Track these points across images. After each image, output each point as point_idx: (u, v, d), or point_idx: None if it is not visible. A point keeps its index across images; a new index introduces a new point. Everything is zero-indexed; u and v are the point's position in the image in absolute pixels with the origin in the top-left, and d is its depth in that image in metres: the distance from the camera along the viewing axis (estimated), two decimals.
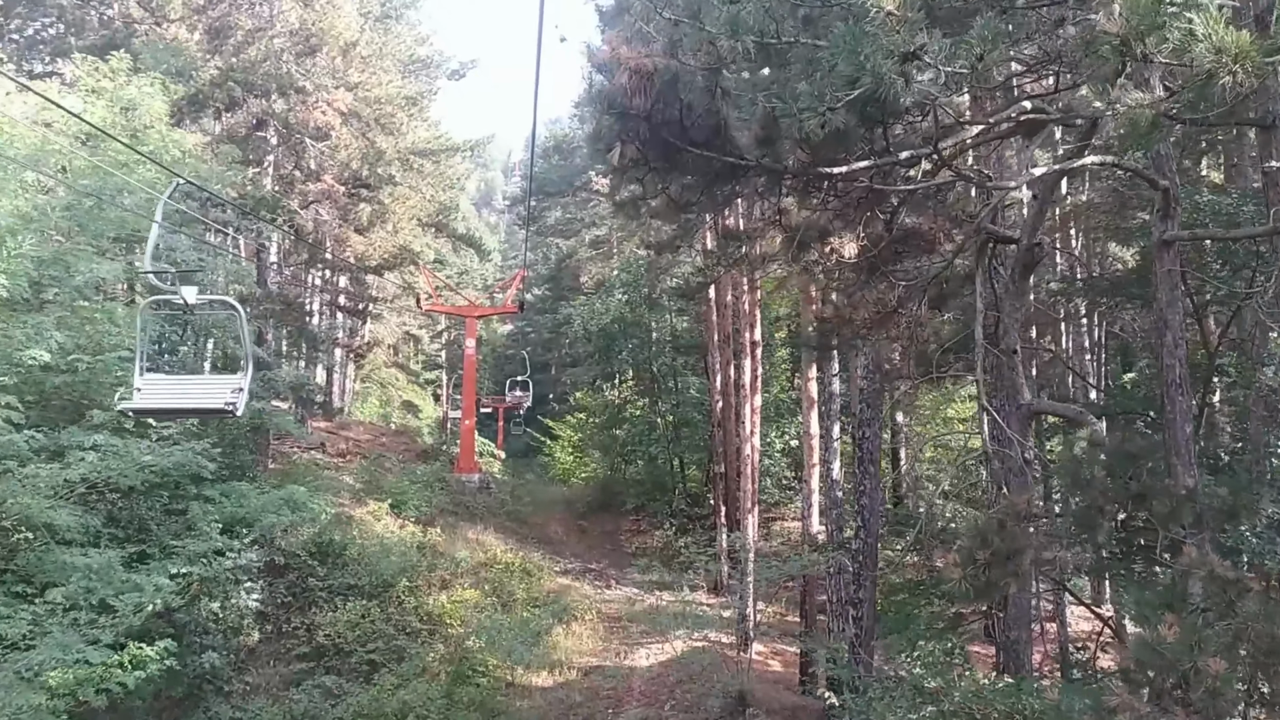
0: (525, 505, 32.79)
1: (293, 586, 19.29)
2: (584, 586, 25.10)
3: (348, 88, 26.16)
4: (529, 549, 27.52)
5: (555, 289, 53.47)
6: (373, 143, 26.56)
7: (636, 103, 6.62)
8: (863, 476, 10.50)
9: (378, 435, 40.50)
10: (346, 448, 34.69)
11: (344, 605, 18.96)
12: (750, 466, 21.23)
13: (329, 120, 24.40)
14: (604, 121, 7.09)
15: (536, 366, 62.55)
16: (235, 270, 21.84)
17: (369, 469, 30.70)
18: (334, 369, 39.85)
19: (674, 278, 30.41)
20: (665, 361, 31.49)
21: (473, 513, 29.70)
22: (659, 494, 31.51)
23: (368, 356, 41.53)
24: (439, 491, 30.10)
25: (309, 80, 24.85)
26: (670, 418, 31.65)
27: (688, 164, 7.24)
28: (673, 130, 6.82)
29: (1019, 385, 9.24)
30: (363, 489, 27.31)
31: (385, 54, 32.51)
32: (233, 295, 21.57)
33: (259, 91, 23.44)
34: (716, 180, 7.59)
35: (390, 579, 20.29)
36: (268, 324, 23.69)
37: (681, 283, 31.24)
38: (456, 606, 20.34)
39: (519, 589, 22.69)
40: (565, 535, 31.02)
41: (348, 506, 25.41)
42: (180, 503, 18.18)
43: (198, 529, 16.58)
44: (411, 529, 25.20)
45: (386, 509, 25.71)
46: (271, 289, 24.45)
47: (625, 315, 31.37)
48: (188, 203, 19.11)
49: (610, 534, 31.41)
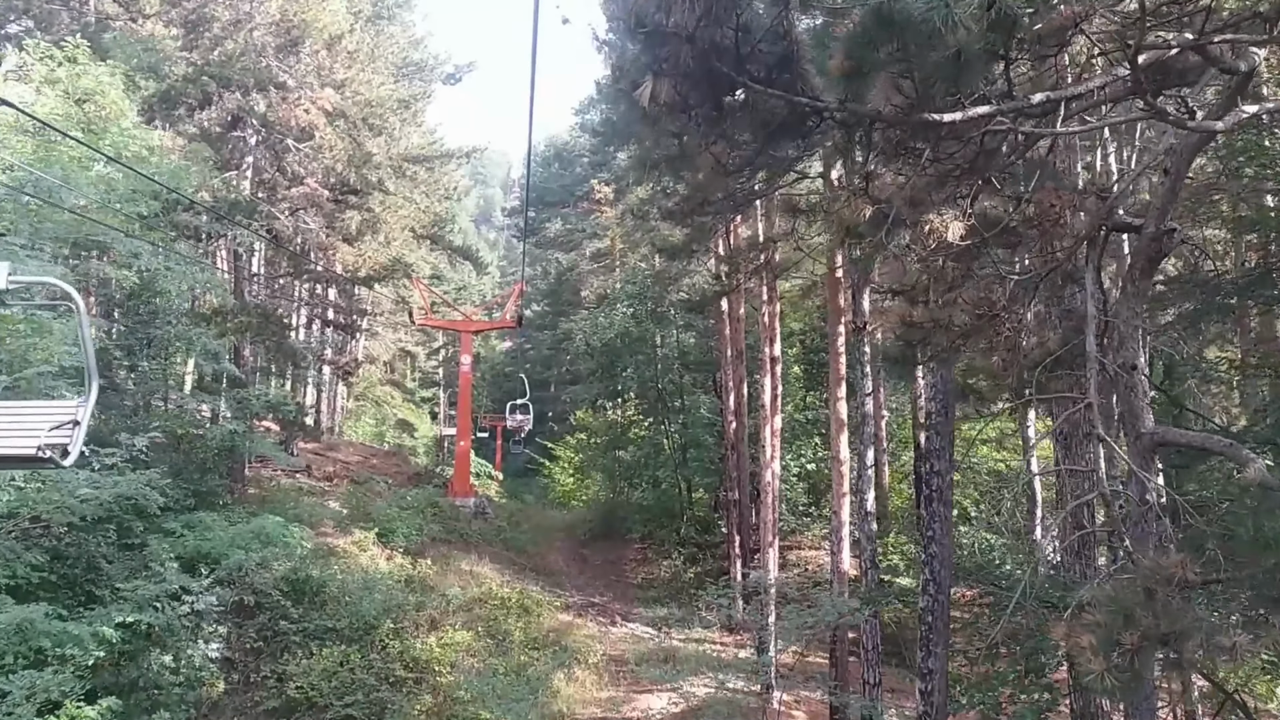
0: (523, 533, 30.78)
1: (263, 630, 17.26)
2: (587, 624, 23.07)
3: (334, 86, 24.37)
4: (527, 581, 25.51)
5: (555, 304, 51.67)
6: (360, 145, 24.73)
7: (676, 17, 4.72)
8: (930, 520, 8.60)
9: (368, 457, 38.53)
10: (334, 470, 32.74)
11: (320, 651, 16.93)
12: (771, 495, 19.28)
13: (312, 119, 22.57)
14: (630, 50, 5.19)
15: (535, 384, 60.63)
16: (206, 279, 19.95)
17: (355, 494, 28.74)
18: (322, 387, 37.85)
19: (682, 289, 28.60)
20: (672, 379, 29.49)
21: (467, 541, 27.73)
22: (666, 520, 29.47)
23: (357, 374, 39.50)
24: (431, 518, 28.13)
25: (290, 76, 23.07)
26: (678, 439, 29.65)
27: (742, 109, 5.32)
28: (725, 58, 4.92)
29: (1139, 410, 7.32)
30: (348, 516, 25.36)
31: (377, 55, 30.80)
32: (64, 280, 19.72)
33: (236, 86, 21.63)
34: (779, 134, 5.68)
35: (373, 620, 18.27)
36: (244, 339, 21.78)
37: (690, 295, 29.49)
38: (446, 650, 18.32)
39: (516, 628, 20.67)
40: (566, 565, 29.01)
41: (330, 536, 23.46)
42: (136, 536, 16.30)
43: (152, 568, 14.68)
44: (400, 561, 23.24)
45: (373, 539, 23.76)
46: (250, 300, 22.57)
47: (630, 330, 29.43)
48: (148, 203, 17.33)
49: (614, 563, 29.39)
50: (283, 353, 22.33)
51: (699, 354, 31.32)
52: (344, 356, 34.45)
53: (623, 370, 29.84)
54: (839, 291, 17.39)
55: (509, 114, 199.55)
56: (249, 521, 18.92)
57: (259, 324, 20.95)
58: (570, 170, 47.68)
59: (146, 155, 19.76)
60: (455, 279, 64.89)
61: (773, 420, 19.49)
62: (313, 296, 33.82)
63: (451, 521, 28.86)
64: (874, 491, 16.30)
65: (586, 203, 43.11)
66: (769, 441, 19.25)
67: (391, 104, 29.57)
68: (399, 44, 33.85)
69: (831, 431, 17.48)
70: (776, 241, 15.73)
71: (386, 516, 25.36)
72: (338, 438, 40.99)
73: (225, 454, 20.35)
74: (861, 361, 16.31)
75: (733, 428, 24.46)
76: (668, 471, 29.40)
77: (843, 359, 17.43)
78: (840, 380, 17.29)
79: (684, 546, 28.23)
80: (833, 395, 17.29)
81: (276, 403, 20.40)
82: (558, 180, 48.04)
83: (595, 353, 30.86)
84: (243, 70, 21.86)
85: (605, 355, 30.08)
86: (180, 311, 18.84)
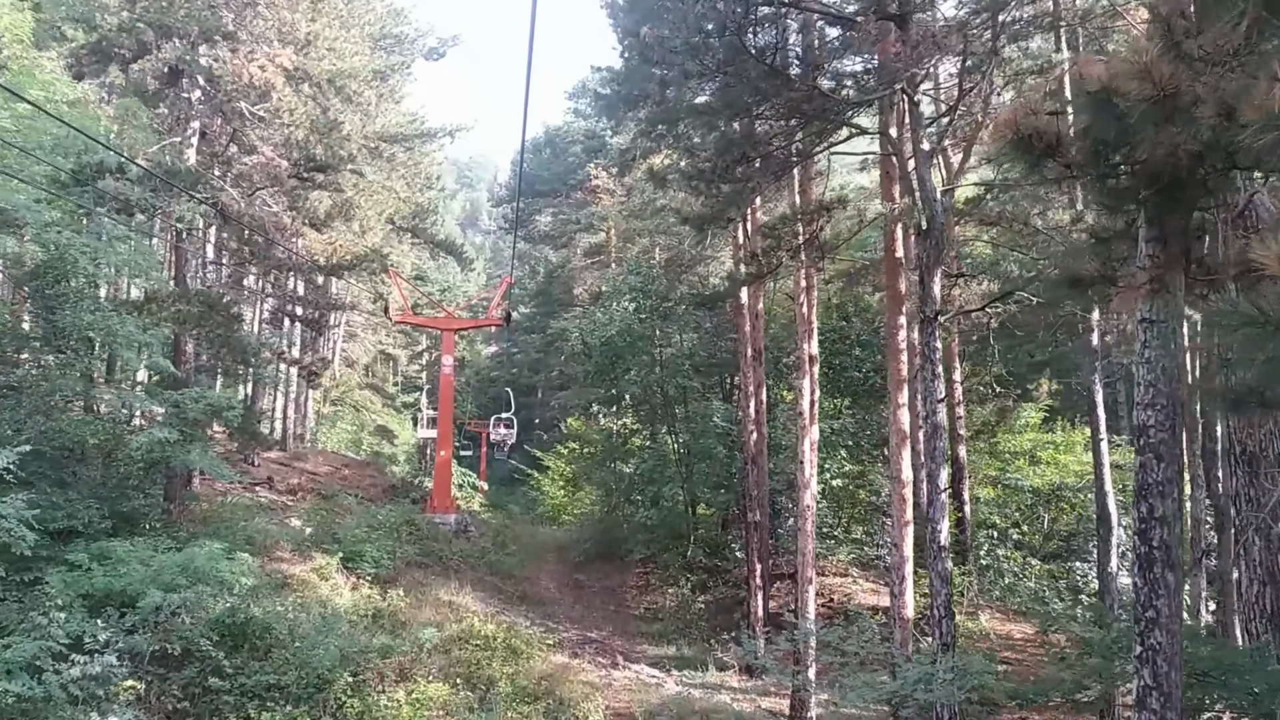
0: (510, 554, 27.53)
1: (190, 686, 13.83)
2: (584, 665, 19.76)
3: (296, 45, 21.12)
4: (514, 612, 22.28)
5: (545, 304, 48.51)
6: (326, 111, 21.45)
7: None
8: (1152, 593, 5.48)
9: (340, 467, 35.16)
10: (299, 483, 29.45)
11: (260, 715, 13.63)
12: (809, 520, 16.10)
13: (269, 77, 19.34)
14: None
15: (522, 390, 57.49)
16: (134, 260, 16.65)
17: (320, 511, 25.45)
18: (289, 390, 34.43)
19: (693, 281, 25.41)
20: (680, 382, 26.17)
21: (446, 564, 24.50)
22: (671, 542, 26.15)
23: (325, 375, 36.10)
24: (406, 538, 24.90)
25: (244, 29, 19.85)
26: (684, 450, 26.33)
27: None
28: None
29: None
30: (310, 538, 22.07)
31: (350, 24, 27.62)
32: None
33: (178, 35, 18.39)
34: None
35: (328, 672, 14.87)
36: (185, 331, 18.50)
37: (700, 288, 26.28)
38: (418, 710, 15.03)
39: (502, 676, 17.30)
40: (558, 592, 25.72)
41: (286, 562, 20.20)
42: (28, 572, 13.05)
43: (29, 618, 11.41)
44: (366, 591, 20.03)
45: (337, 564, 20.54)
46: (193, 287, 19.29)
47: (633, 327, 26.11)
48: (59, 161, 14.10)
49: (613, 590, 26.09)
50: (230, 348, 18.98)
51: (707, 354, 28.07)
52: (308, 355, 31.01)
53: (624, 372, 26.51)
54: (899, 275, 14.28)
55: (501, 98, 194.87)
56: (179, 551, 15.62)
57: (200, 314, 17.63)
58: (562, 158, 44.43)
59: (65, 109, 16.64)
60: (440, 279, 61.69)
61: (811, 430, 16.34)
62: (275, 288, 30.43)
63: (430, 542, 25.64)
64: (947, 522, 13.12)
65: (581, 191, 39.91)
66: (807, 456, 16.08)
67: (366, 75, 26.35)
68: (377, 13, 30.59)
69: (891, 445, 14.35)
70: (831, 210, 12.61)
71: (354, 538, 22.13)
72: (308, 446, 37.61)
73: (154, 467, 17.04)
74: (932, 360, 13.15)
75: (753, 438, 21.24)
76: (673, 487, 26.11)
77: (903, 357, 14.32)
78: (901, 383, 14.17)
79: (691, 572, 25.02)
80: (893, 401, 14.13)
81: (218, 406, 17.01)
82: (549, 168, 44.72)
83: (594, 352, 27.55)
84: (186, 18, 18.62)
85: (605, 355, 26.75)
86: (94, 296, 15.63)
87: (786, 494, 24.37)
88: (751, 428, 21.33)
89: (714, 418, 25.88)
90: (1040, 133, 5.63)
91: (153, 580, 14.12)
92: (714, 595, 24.40)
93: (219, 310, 18.56)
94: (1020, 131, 5.69)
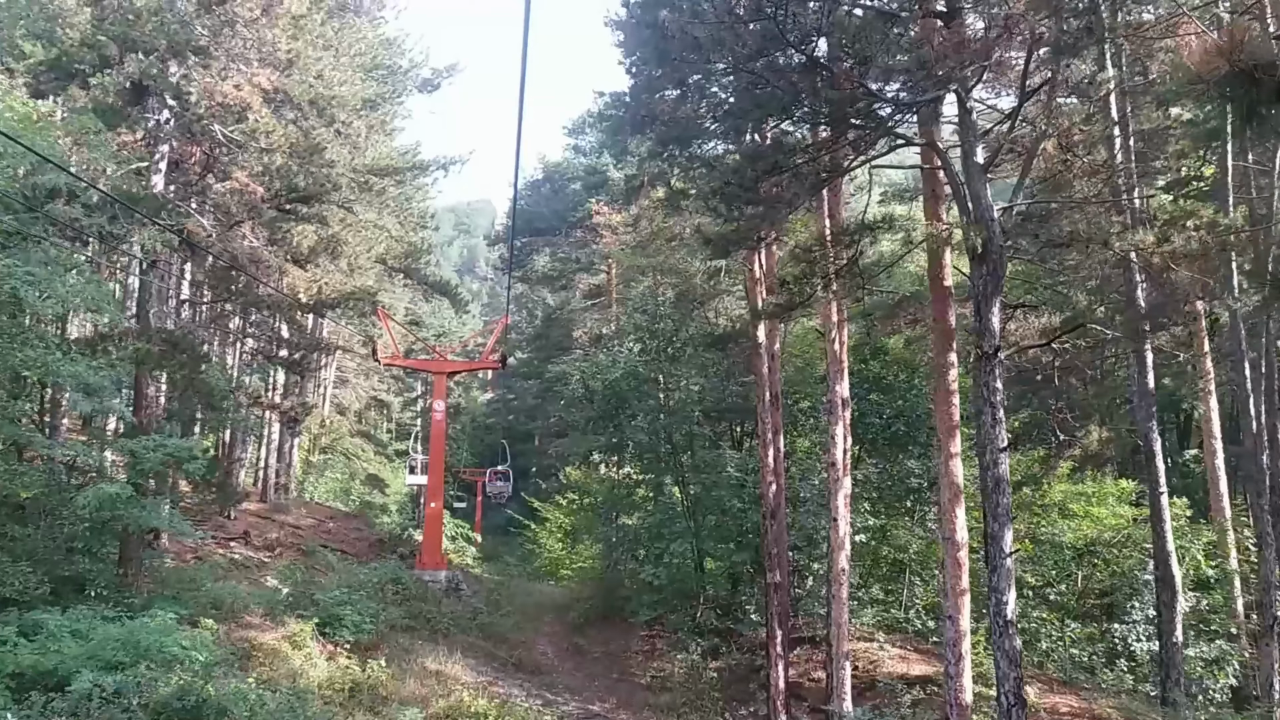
0: (504, 615, 25.48)
1: None
2: None
3: (277, 65, 19.60)
4: (509, 682, 20.20)
5: (543, 348, 46.79)
6: (307, 134, 19.86)
7: None
8: None
9: (325, 519, 33.16)
10: (279, 537, 27.45)
11: None
12: (843, 585, 14.17)
13: (244, 97, 17.77)
14: None
15: (519, 437, 55.59)
16: (88, 294, 14.89)
17: (298, 569, 23.45)
18: (270, 438, 32.49)
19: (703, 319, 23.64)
20: (688, 429, 24.26)
21: (435, 627, 22.46)
22: (680, 603, 24.07)
23: (306, 421, 34.18)
24: (392, 598, 22.91)
25: (220, 48, 18.32)
26: (693, 502, 24.35)
27: None
28: None
29: None
30: (285, 600, 20.10)
31: (341, 51, 26.19)
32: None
33: (142, 49, 16.86)
34: None
35: None
36: (144, 372, 16.70)
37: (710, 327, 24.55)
38: None
39: None
40: (557, 658, 23.60)
41: (256, 629, 18.17)
42: None
43: None
44: (344, 661, 17.98)
45: (312, 631, 18.52)
46: (155, 325, 17.51)
47: (638, 370, 24.28)
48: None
49: (616, 656, 23.96)
50: (197, 390, 17.18)
51: (716, 399, 26.21)
52: (290, 400, 29.14)
53: (629, 418, 24.62)
54: (948, 307, 12.55)
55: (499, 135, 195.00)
56: (130, 620, 13.70)
57: (163, 353, 15.86)
58: (561, 195, 42.99)
59: (20, 128, 15.02)
60: (434, 324, 60.09)
61: (844, 482, 14.49)
62: (256, 328, 28.62)
63: (418, 602, 23.62)
64: (1013, 591, 11.24)
65: (581, 229, 38.38)
66: (840, 511, 14.21)
67: (355, 104, 24.84)
68: (368, 41, 29.20)
69: (943, 501, 12.50)
70: (876, 230, 10.93)
71: (333, 599, 20.14)
72: (292, 497, 35.57)
73: (104, 525, 15.14)
74: (992, 402, 11.37)
75: (772, 490, 19.32)
76: (682, 543, 24.10)
77: (955, 399, 12.53)
78: (954, 429, 12.36)
79: (702, 635, 22.92)
80: (945, 450, 12.30)
81: (179, 455, 15.15)
82: (548, 204, 43.22)
83: (595, 397, 25.70)
84: (155, 32, 17.10)
85: (607, 400, 24.89)
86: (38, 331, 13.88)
87: (805, 550, 22.43)
88: (770, 478, 19.44)
89: (727, 467, 23.93)
90: (1271, 65, 3.92)
91: (90, 657, 12.24)
92: (726, 662, 22.31)
93: (183, 349, 16.78)
94: (1236, 64, 3.98)
